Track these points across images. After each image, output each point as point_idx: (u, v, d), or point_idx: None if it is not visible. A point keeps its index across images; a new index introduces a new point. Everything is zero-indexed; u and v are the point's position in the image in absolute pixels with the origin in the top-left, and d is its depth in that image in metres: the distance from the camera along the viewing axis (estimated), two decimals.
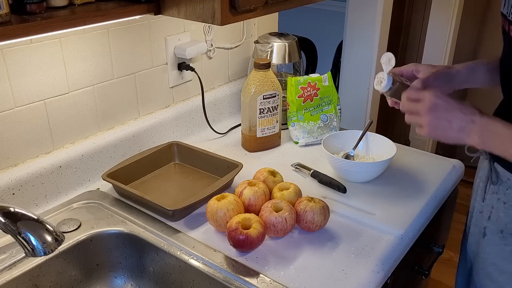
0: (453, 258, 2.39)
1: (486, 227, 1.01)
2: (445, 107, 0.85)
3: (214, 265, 0.90)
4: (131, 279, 1.04)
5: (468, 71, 1.07)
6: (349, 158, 1.21)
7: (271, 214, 0.95)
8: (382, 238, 0.98)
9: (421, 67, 1.04)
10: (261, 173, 1.10)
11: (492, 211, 1.00)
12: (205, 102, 1.38)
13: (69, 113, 1.10)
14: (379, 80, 1.01)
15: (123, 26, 1.16)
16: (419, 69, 1.03)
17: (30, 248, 0.72)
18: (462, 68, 1.06)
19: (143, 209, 1.06)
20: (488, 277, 1.00)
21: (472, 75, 1.08)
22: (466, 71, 1.07)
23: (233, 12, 0.92)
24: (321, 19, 3.49)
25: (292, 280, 0.87)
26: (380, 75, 1.01)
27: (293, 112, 1.36)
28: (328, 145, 1.20)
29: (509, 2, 0.87)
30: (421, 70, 1.03)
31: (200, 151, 1.24)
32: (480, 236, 1.03)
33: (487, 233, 1.01)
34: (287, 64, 1.47)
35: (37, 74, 1.01)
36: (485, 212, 1.02)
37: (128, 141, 1.23)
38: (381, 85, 1.00)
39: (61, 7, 0.86)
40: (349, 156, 1.22)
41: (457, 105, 0.85)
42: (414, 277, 1.15)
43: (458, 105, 0.85)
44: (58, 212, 1.04)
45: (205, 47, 1.37)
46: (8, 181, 0.99)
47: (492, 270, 0.99)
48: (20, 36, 0.77)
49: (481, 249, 1.02)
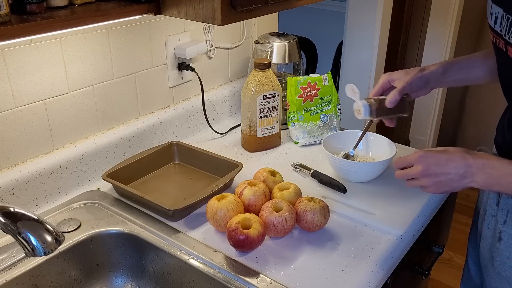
0: (453, 258, 2.39)
1: (502, 231, 0.99)
2: (436, 163, 0.87)
3: (214, 265, 0.90)
4: (131, 279, 1.04)
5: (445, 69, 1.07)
6: (349, 158, 1.21)
7: (271, 214, 0.95)
8: (382, 238, 0.98)
9: (395, 75, 1.07)
10: (261, 173, 1.10)
11: (508, 215, 0.98)
12: (205, 102, 1.38)
13: (69, 113, 1.10)
14: (357, 110, 1.06)
15: (123, 26, 1.16)
16: (393, 78, 1.07)
17: (30, 248, 0.72)
18: (437, 67, 1.07)
19: (143, 209, 1.06)
20: (506, 281, 0.99)
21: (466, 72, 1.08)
22: (441, 69, 1.07)
23: (233, 12, 0.92)
24: (321, 19, 3.49)
25: (292, 280, 0.87)
26: (355, 106, 1.07)
27: (293, 112, 1.36)
28: (328, 145, 1.20)
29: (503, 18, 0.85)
30: (395, 78, 1.06)
31: (200, 151, 1.24)
32: (494, 240, 1.01)
33: (503, 237, 0.99)
34: (287, 64, 1.47)
35: (37, 74, 1.01)
36: (499, 216, 1.00)
37: (128, 141, 1.23)
38: (360, 113, 1.05)
39: (61, 7, 0.87)
40: (349, 156, 1.21)
41: (446, 155, 0.87)
42: (414, 277, 1.15)
43: (446, 156, 0.87)
44: (58, 212, 1.04)
45: (205, 47, 1.37)
46: (8, 181, 0.99)
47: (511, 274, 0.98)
48: (20, 36, 0.78)
49: (496, 253, 1.00)
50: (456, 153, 0.86)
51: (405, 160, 0.91)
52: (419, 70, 1.06)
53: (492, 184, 0.85)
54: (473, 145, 3.40)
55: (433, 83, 1.07)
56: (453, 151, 0.87)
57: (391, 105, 1.04)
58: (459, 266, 2.33)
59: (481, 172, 0.84)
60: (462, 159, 0.85)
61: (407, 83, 1.04)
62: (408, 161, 0.91)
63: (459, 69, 1.08)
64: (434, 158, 0.87)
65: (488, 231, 1.03)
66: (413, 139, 3.05)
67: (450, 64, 1.08)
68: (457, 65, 1.08)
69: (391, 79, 1.07)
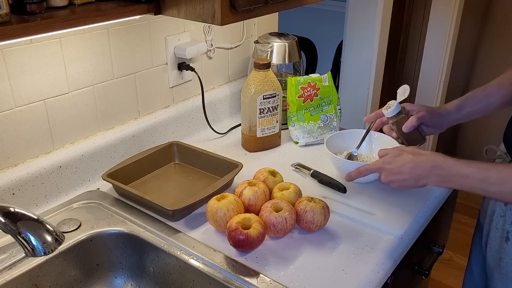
0: (453, 258, 2.39)
1: (510, 231, 0.99)
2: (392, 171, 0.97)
3: (214, 265, 0.90)
4: (131, 279, 1.04)
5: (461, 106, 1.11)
6: (352, 158, 1.20)
7: (271, 214, 0.95)
8: (382, 238, 0.98)
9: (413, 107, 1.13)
10: (261, 173, 1.10)
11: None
12: (205, 102, 1.38)
13: (69, 113, 1.10)
14: (388, 106, 1.13)
15: (123, 26, 1.16)
16: (413, 109, 1.12)
17: (30, 248, 0.72)
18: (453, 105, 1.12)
19: (143, 209, 1.06)
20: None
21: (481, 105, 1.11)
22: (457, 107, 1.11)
23: (233, 12, 0.92)
24: (321, 19, 3.49)
25: (292, 280, 0.87)
26: (391, 102, 1.12)
27: (293, 112, 1.36)
28: (331, 144, 1.19)
29: None
30: (413, 109, 1.12)
31: (200, 151, 1.24)
32: (502, 240, 1.01)
33: (510, 238, 0.99)
34: (287, 64, 1.47)
35: (37, 74, 1.01)
36: (508, 216, 1.00)
37: (128, 141, 1.23)
38: (388, 110, 1.12)
39: (61, 7, 0.86)
40: (352, 156, 1.21)
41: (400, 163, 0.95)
42: (414, 277, 1.15)
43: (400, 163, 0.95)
44: (58, 212, 1.04)
45: (205, 47, 1.37)
46: (8, 181, 0.99)
47: None
48: (20, 36, 0.77)
49: (503, 254, 1.01)
50: (407, 158, 0.94)
51: (368, 169, 1.01)
52: (438, 108, 1.13)
53: (443, 183, 0.91)
54: (473, 145, 3.41)
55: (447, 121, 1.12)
56: (405, 157, 0.94)
57: (407, 130, 1.09)
58: (459, 266, 2.33)
59: (431, 174, 0.91)
60: (412, 164, 0.93)
61: (428, 112, 1.09)
62: (370, 170, 1.01)
63: (475, 103, 1.11)
64: (390, 166, 0.96)
65: (496, 232, 1.03)
66: None
67: (465, 100, 1.12)
68: (472, 100, 1.12)
69: (410, 108, 1.13)
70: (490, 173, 0.86)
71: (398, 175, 0.95)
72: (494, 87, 1.10)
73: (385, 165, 0.97)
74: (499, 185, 0.85)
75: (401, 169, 0.94)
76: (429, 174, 0.91)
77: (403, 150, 0.97)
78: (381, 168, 0.98)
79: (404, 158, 0.94)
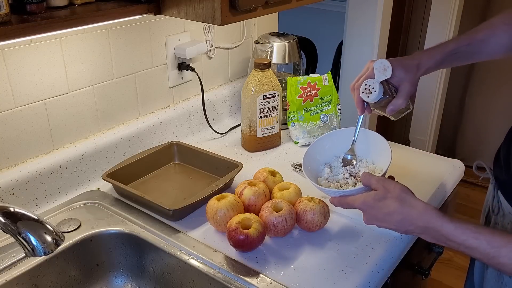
0: (453, 258, 2.39)
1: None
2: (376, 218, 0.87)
3: (214, 265, 0.90)
4: (131, 279, 1.04)
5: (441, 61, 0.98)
6: (347, 163, 1.07)
7: (271, 214, 0.95)
8: (382, 238, 0.98)
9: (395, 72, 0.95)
10: (261, 173, 1.10)
11: None
12: (205, 102, 1.38)
13: (69, 113, 1.10)
14: (367, 90, 0.93)
15: (123, 26, 1.16)
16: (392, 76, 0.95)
17: (30, 248, 0.72)
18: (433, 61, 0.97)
19: (143, 209, 1.06)
20: None
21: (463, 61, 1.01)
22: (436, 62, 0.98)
23: (233, 12, 0.92)
24: (321, 19, 3.49)
25: (292, 280, 0.87)
26: (370, 83, 0.92)
27: (293, 112, 1.36)
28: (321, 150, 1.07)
29: None
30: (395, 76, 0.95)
31: (200, 151, 1.24)
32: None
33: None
34: (287, 64, 1.47)
35: (37, 74, 1.01)
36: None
37: (128, 141, 1.23)
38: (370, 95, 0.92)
39: (61, 7, 0.86)
40: (347, 160, 1.07)
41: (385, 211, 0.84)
42: (414, 277, 1.15)
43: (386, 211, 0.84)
44: (58, 212, 1.04)
45: (205, 47, 1.37)
46: (8, 181, 0.99)
47: None
48: (20, 36, 0.77)
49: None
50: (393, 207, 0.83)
51: (349, 205, 0.90)
52: (417, 68, 0.96)
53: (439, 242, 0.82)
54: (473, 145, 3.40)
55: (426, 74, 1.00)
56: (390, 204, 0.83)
57: (392, 112, 0.97)
58: (459, 266, 2.33)
59: (424, 233, 0.82)
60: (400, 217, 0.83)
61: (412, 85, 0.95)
62: (352, 206, 0.90)
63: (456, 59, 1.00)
64: (373, 211, 0.86)
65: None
66: (413, 139, 3.05)
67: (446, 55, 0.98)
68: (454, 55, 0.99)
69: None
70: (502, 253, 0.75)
71: (382, 223, 0.86)
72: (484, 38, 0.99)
73: (367, 208, 0.87)
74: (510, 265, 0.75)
75: (386, 219, 0.84)
76: (421, 232, 0.82)
77: (388, 192, 0.85)
78: (363, 210, 0.88)
79: (389, 206, 0.83)
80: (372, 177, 0.89)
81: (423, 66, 0.96)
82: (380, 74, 0.92)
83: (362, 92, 0.95)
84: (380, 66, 0.92)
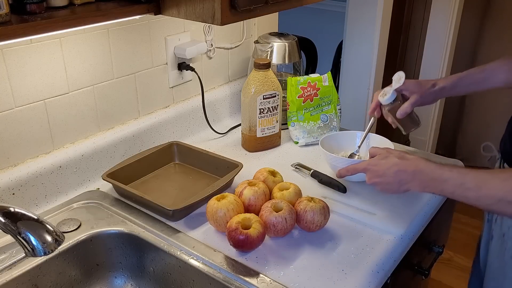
0: (453, 258, 2.39)
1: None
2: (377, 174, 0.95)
3: (214, 265, 0.90)
4: (131, 279, 1.04)
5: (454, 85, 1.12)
6: (353, 157, 1.21)
7: (271, 214, 0.95)
8: (382, 238, 0.98)
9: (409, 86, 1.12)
10: (261, 173, 1.10)
11: None
12: (205, 102, 1.38)
13: (69, 113, 1.10)
14: (384, 93, 1.14)
15: (123, 26, 1.16)
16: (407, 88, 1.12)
17: (30, 248, 0.72)
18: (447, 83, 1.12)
19: (143, 209, 1.06)
20: None
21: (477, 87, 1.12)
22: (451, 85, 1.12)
23: (233, 12, 0.92)
24: (321, 19, 3.48)
25: (292, 280, 0.87)
26: (387, 89, 1.14)
27: (293, 112, 1.36)
28: (326, 145, 1.20)
29: None
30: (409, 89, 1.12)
31: (200, 151, 1.24)
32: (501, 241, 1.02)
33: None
34: (287, 64, 1.47)
35: (37, 74, 1.01)
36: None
37: (128, 141, 1.23)
38: (384, 97, 1.13)
39: (61, 7, 0.86)
40: (353, 155, 1.21)
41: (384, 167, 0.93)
42: (414, 277, 1.15)
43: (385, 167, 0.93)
44: (58, 212, 1.04)
45: (205, 47, 1.37)
46: (8, 181, 0.99)
47: None
48: (20, 36, 0.77)
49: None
50: (393, 162, 0.92)
51: (355, 168, 1.00)
52: (432, 85, 1.11)
53: (425, 188, 0.89)
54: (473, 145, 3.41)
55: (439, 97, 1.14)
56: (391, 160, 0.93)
57: (401, 116, 1.11)
58: (459, 266, 2.33)
59: (413, 179, 0.89)
60: (397, 168, 0.91)
61: (420, 95, 1.09)
62: (357, 170, 0.99)
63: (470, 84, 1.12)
64: (376, 167, 0.95)
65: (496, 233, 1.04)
66: (413, 139, 3.05)
67: (461, 79, 1.12)
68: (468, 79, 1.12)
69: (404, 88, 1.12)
70: (467, 178, 0.83)
71: (382, 177, 0.93)
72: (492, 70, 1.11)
73: (370, 167, 0.95)
74: (475, 190, 0.81)
75: (386, 172, 0.92)
76: (412, 179, 0.89)
77: (390, 153, 0.95)
78: (367, 169, 0.96)
79: (390, 161, 0.93)
80: (378, 147, 1.01)
81: (438, 85, 1.11)
82: (395, 83, 1.13)
83: (379, 95, 1.15)
84: (397, 76, 1.13)
